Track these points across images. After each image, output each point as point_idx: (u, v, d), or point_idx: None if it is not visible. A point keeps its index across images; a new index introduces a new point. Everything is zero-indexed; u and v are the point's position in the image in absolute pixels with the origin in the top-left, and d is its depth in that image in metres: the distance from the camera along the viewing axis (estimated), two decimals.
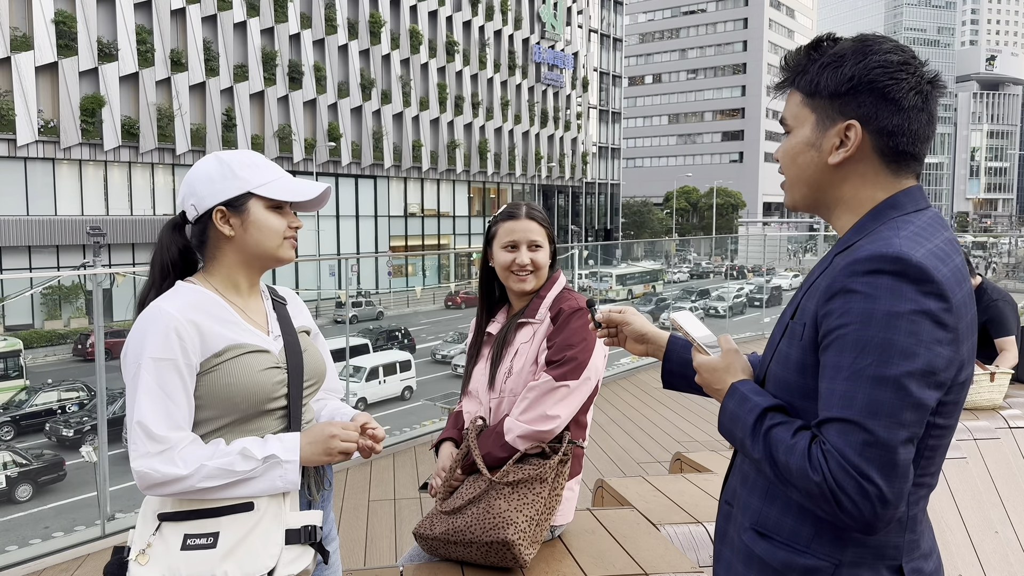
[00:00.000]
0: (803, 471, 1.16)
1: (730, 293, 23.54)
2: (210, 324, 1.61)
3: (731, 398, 1.35)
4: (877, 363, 1.12)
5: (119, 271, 5.97)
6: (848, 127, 1.25)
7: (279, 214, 1.69)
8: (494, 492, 2.12)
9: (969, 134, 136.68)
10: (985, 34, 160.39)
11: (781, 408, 1.29)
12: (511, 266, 2.29)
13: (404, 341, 26.28)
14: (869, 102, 1.23)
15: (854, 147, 1.25)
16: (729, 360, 1.40)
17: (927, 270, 1.13)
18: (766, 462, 1.24)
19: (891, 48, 1.24)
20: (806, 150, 1.31)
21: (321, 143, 38.30)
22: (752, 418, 1.28)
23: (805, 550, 1.25)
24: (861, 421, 1.12)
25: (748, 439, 1.28)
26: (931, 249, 1.17)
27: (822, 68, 1.27)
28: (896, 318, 1.12)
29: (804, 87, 1.30)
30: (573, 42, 54.27)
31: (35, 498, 15.19)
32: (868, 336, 1.13)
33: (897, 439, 1.11)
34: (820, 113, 1.28)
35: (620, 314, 1.71)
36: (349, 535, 4.60)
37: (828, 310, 1.19)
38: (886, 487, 1.10)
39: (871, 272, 1.15)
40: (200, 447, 1.56)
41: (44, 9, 28.88)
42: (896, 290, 1.13)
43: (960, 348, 1.17)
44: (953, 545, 3.11)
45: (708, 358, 1.43)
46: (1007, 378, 3.99)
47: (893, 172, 1.27)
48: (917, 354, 1.11)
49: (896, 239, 1.18)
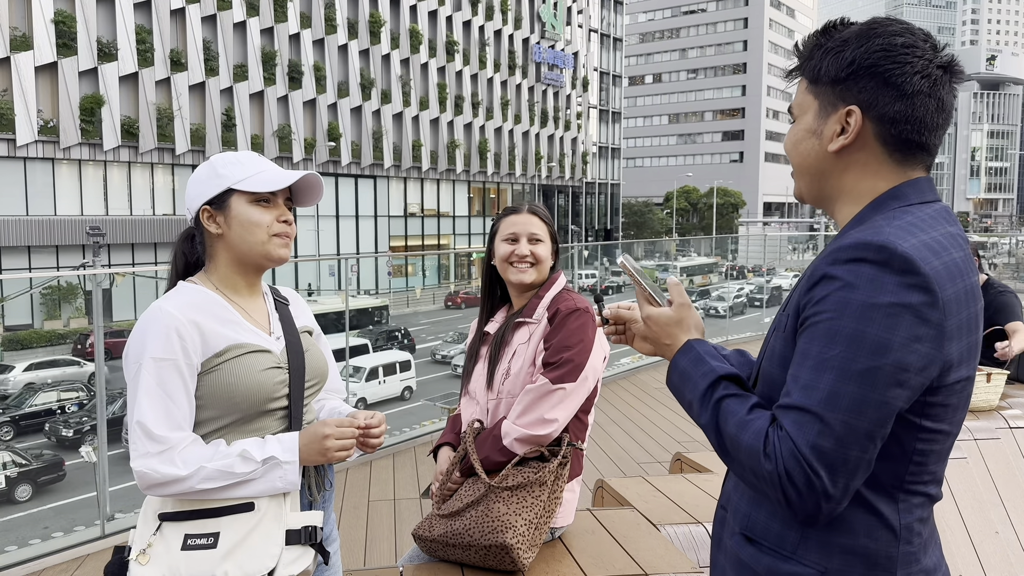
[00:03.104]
0: (755, 452, 1.12)
1: (730, 293, 23.54)
2: (211, 324, 1.61)
3: (685, 355, 1.30)
4: (844, 355, 1.07)
5: (118, 271, 5.97)
6: (848, 113, 1.20)
7: (264, 208, 1.67)
8: (493, 495, 2.11)
9: (969, 134, 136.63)
10: (985, 34, 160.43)
11: (737, 379, 1.24)
12: (510, 257, 2.28)
13: (404, 341, 26.30)
14: (870, 87, 1.18)
15: (854, 134, 1.20)
16: (682, 314, 1.34)
17: (913, 261, 1.07)
18: (711, 430, 1.21)
19: (898, 31, 1.18)
20: (808, 137, 1.26)
21: (321, 143, 38.29)
22: (705, 383, 1.23)
23: (791, 556, 1.20)
24: (819, 412, 1.07)
25: (696, 402, 1.24)
26: (924, 240, 1.11)
27: (825, 53, 1.22)
28: (872, 309, 1.07)
29: (809, 73, 1.25)
30: (573, 42, 54.27)
31: (35, 498, 15.19)
32: (840, 326, 1.08)
33: (853, 435, 1.07)
34: (822, 99, 1.23)
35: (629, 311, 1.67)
36: (349, 535, 4.60)
37: (808, 297, 1.15)
38: (829, 482, 1.07)
39: (853, 260, 1.10)
40: (200, 448, 1.56)
41: (44, 9, 28.87)
42: (877, 280, 1.08)
43: (945, 347, 1.10)
44: (953, 546, 3.11)
45: (659, 309, 1.36)
46: (1003, 379, 3.99)
47: (898, 162, 1.21)
48: (889, 350, 1.06)
49: (887, 228, 1.12)
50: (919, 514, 1.21)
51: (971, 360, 1.18)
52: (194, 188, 1.70)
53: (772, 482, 1.10)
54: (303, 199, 1.77)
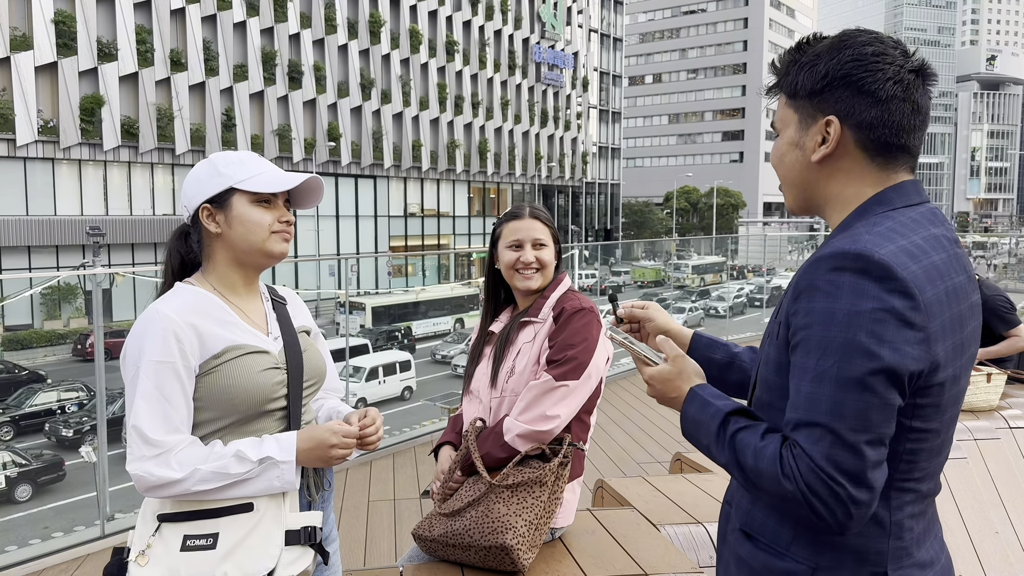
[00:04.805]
0: (774, 476, 1.15)
1: (730, 293, 23.57)
2: (209, 326, 1.60)
3: (691, 404, 1.34)
4: (840, 364, 1.10)
5: (118, 271, 5.97)
6: (828, 123, 1.24)
7: (265, 208, 1.68)
8: (493, 495, 2.11)
9: (969, 134, 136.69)
10: (985, 34, 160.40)
11: (744, 411, 1.28)
12: (516, 264, 2.29)
13: (404, 341, 26.31)
14: (845, 96, 1.22)
15: (834, 143, 1.24)
16: (680, 366, 1.39)
17: (889, 267, 1.11)
18: (733, 467, 1.23)
19: (867, 40, 1.22)
20: (791, 150, 1.30)
21: (321, 143, 38.28)
22: (715, 424, 1.27)
23: (784, 552, 1.23)
24: (827, 424, 1.11)
25: (713, 445, 1.27)
26: (903, 246, 1.15)
27: (800, 68, 1.27)
28: (857, 317, 1.10)
29: (787, 89, 1.30)
30: (573, 42, 54.26)
31: (35, 498, 15.19)
32: (830, 336, 1.12)
33: (863, 440, 1.10)
34: (801, 112, 1.28)
35: (643, 310, 1.67)
36: (349, 535, 4.60)
37: (795, 309, 1.18)
38: (853, 488, 1.09)
39: (834, 270, 1.14)
40: (197, 449, 1.56)
41: (44, 9, 28.86)
42: (858, 288, 1.11)
43: (932, 347, 1.13)
44: (953, 546, 3.10)
45: (658, 368, 1.41)
46: (1003, 379, 3.99)
47: (880, 167, 1.25)
48: (880, 353, 1.09)
49: (866, 235, 1.16)
50: (910, 510, 1.23)
51: (957, 360, 1.20)
52: (194, 186, 1.68)
53: (797, 501, 1.13)
54: (302, 201, 1.76)
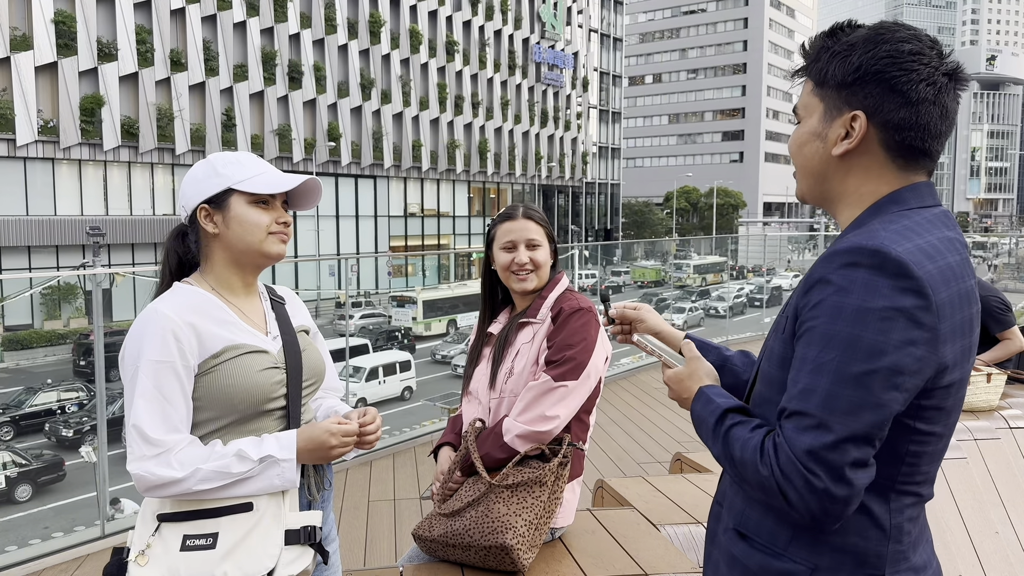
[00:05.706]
0: (754, 464, 1.15)
1: (730, 293, 23.59)
2: (207, 325, 1.60)
3: (697, 402, 1.36)
4: (841, 359, 1.09)
5: (118, 271, 5.96)
6: (853, 118, 1.20)
7: (263, 209, 1.68)
8: (493, 495, 2.11)
9: (969, 134, 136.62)
10: (985, 34, 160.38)
11: (742, 409, 1.29)
12: (511, 266, 2.28)
13: (404, 341, 26.29)
14: (876, 93, 1.18)
15: (858, 139, 1.20)
16: (693, 368, 1.44)
17: (906, 265, 1.09)
18: (725, 460, 1.25)
19: (905, 37, 1.18)
20: (812, 140, 1.27)
21: (321, 143, 38.29)
22: (713, 419, 1.29)
23: (782, 553, 1.22)
24: (818, 415, 1.10)
25: (710, 439, 1.29)
26: (919, 245, 1.12)
27: (832, 56, 1.22)
28: (867, 314, 1.08)
29: (815, 76, 1.26)
30: (573, 42, 54.25)
31: (35, 498, 15.20)
32: (836, 330, 1.10)
33: (850, 436, 1.08)
34: (828, 103, 1.24)
35: (635, 311, 1.68)
36: (349, 535, 4.60)
37: (805, 301, 1.17)
38: (831, 483, 1.08)
39: (848, 264, 1.12)
40: (197, 449, 1.56)
41: (44, 9, 28.86)
42: (871, 284, 1.09)
43: (940, 349, 1.11)
44: (953, 545, 3.10)
45: (675, 370, 1.47)
46: (1003, 379, 3.99)
47: (900, 167, 1.22)
48: (884, 353, 1.07)
49: (882, 232, 1.13)
50: (910, 514, 1.22)
51: (965, 362, 1.19)
52: (192, 187, 1.68)
53: (772, 489, 1.13)
54: (300, 203, 1.76)
